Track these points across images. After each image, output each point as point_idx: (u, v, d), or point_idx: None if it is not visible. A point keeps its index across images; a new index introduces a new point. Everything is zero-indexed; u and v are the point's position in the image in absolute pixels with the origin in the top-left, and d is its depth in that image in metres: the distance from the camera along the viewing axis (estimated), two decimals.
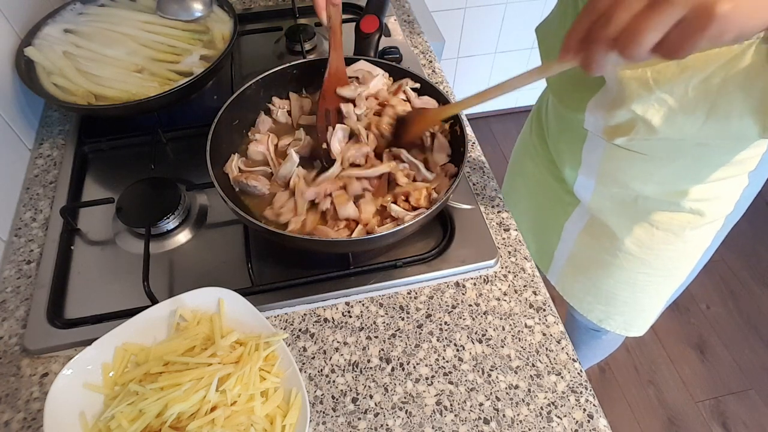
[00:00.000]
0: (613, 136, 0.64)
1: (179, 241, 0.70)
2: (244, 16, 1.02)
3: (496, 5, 1.83)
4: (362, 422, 0.56)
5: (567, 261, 0.92)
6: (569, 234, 0.89)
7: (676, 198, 0.71)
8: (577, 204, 0.84)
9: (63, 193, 0.74)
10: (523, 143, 1.00)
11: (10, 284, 0.66)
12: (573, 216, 0.86)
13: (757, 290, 1.79)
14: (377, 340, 0.61)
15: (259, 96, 0.76)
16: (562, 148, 0.82)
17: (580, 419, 0.56)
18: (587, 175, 0.77)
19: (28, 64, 0.78)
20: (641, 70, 0.56)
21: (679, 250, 0.78)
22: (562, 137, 0.81)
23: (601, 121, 0.66)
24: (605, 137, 0.66)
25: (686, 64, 0.53)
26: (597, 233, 0.83)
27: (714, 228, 0.77)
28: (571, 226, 0.87)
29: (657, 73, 0.55)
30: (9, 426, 0.56)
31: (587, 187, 0.79)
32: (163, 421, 0.49)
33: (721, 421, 1.52)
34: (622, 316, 0.91)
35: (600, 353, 1.24)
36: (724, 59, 0.51)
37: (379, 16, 0.84)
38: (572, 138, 0.76)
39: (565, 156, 0.80)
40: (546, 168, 0.89)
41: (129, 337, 0.56)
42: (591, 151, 0.74)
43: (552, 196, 0.89)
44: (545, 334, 0.62)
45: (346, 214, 0.63)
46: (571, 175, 0.80)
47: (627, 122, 0.62)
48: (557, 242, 0.92)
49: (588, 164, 0.76)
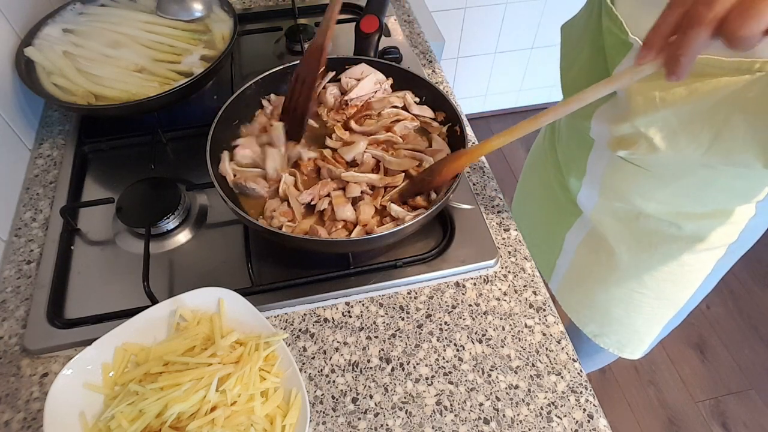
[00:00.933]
0: (618, 148, 0.63)
1: (179, 241, 0.70)
2: (244, 16, 1.02)
3: (496, 5, 1.83)
4: (362, 422, 0.56)
5: (567, 272, 0.91)
6: (570, 245, 0.88)
7: (677, 219, 0.69)
8: (579, 215, 0.82)
9: (63, 193, 0.74)
10: (537, 147, 0.99)
11: (10, 284, 0.66)
12: (574, 226, 0.85)
13: (757, 290, 1.79)
14: (377, 340, 0.61)
15: (259, 96, 0.76)
16: (569, 156, 0.81)
17: (580, 419, 0.56)
18: (591, 186, 0.76)
19: (28, 64, 0.78)
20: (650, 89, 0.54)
21: (676, 273, 0.76)
22: (570, 144, 0.80)
23: (606, 131, 0.65)
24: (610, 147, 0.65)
25: (695, 88, 0.52)
26: (595, 246, 0.82)
27: (715, 256, 0.74)
28: (572, 236, 0.86)
29: (664, 92, 0.54)
30: (9, 426, 0.56)
31: (590, 199, 0.77)
32: (163, 421, 0.49)
33: (721, 421, 1.52)
34: (616, 335, 0.90)
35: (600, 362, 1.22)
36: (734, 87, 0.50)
37: (379, 16, 0.84)
38: (580, 145, 0.75)
39: (572, 164, 0.79)
40: (553, 175, 0.88)
41: (129, 337, 0.56)
42: (596, 161, 0.72)
43: (556, 205, 0.88)
44: (545, 334, 0.62)
45: (344, 216, 0.63)
46: (576, 184, 0.79)
47: (630, 136, 0.60)
48: (559, 252, 0.91)
49: (592, 174, 0.74)
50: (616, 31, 0.58)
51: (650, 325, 0.87)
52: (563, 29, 0.77)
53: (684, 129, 0.55)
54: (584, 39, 0.69)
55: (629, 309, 0.84)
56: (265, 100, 0.76)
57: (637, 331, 0.88)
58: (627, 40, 0.57)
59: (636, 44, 0.56)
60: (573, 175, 0.79)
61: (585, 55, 0.68)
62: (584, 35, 0.69)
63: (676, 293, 0.80)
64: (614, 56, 0.60)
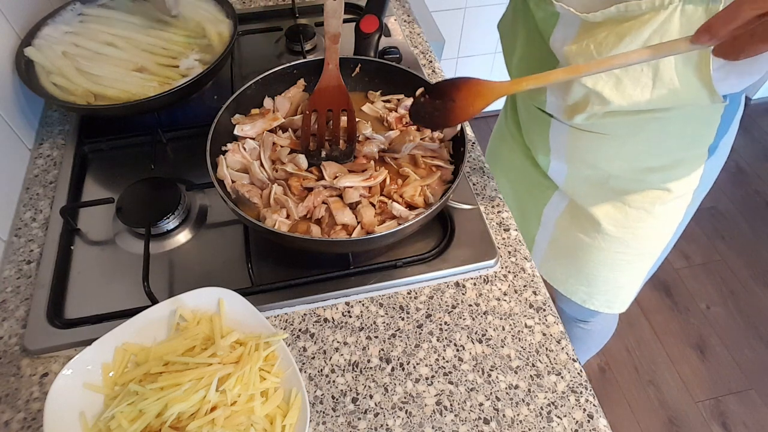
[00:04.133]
0: (572, 115, 0.66)
1: (179, 241, 0.70)
2: (244, 16, 1.02)
3: (496, 5, 1.83)
4: (362, 422, 0.56)
5: (548, 245, 0.94)
6: (548, 219, 0.91)
7: (642, 175, 0.74)
8: (555, 189, 0.86)
9: (63, 193, 0.74)
10: (499, 132, 1.02)
11: (10, 284, 0.66)
12: (552, 200, 0.88)
13: (757, 290, 1.79)
14: (377, 340, 0.61)
15: (259, 96, 0.76)
16: (532, 134, 0.84)
17: (580, 419, 0.56)
18: (558, 159, 0.80)
19: (27, 64, 0.78)
20: (585, 44, 0.58)
21: (652, 226, 0.80)
22: (530, 123, 0.84)
23: (560, 100, 0.68)
24: (565, 117, 0.69)
25: (622, 31, 0.55)
26: (576, 215, 0.85)
27: (683, 203, 0.79)
28: (550, 211, 0.90)
29: (598, 45, 0.57)
30: (9, 426, 0.56)
31: (560, 171, 0.81)
32: (163, 421, 0.49)
33: (721, 421, 1.52)
34: (604, 296, 0.93)
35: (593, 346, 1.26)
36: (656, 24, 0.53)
37: (379, 16, 0.84)
38: (539, 123, 0.79)
39: (537, 142, 0.83)
40: (524, 154, 0.91)
41: (129, 337, 0.56)
42: (557, 136, 0.76)
43: (530, 182, 0.91)
44: (545, 334, 0.62)
45: (344, 220, 0.62)
46: (544, 160, 0.83)
47: (582, 98, 0.64)
48: (537, 227, 0.94)
49: (556, 148, 0.78)
50: (543, 5, 0.63)
51: (633, 279, 0.91)
52: (499, 27, 0.82)
53: (626, 73, 0.59)
54: (517, 25, 0.74)
55: (614, 269, 0.87)
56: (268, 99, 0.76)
57: (622, 287, 0.92)
58: (554, 10, 0.61)
59: (562, 10, 0.60)
60: (540, 152, 0.83)
61: (521, 39, 0.73)
62: (516, 21, 0.74)
63: (654, 245, 0.85)
64: (547, 28, 0.65)
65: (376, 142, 0.70)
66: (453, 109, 0.56)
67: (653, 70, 0.57)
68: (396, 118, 0.73)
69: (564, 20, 0.62)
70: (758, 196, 1.94)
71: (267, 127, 0.72)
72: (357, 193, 0.64)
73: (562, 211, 0.88)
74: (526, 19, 0.70)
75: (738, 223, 0.73)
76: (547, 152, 0.81)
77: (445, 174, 0.68)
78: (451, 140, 0.71)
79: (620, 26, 0.56)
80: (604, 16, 0.56)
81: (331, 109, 0.72)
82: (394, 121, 0.73)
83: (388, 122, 0.74)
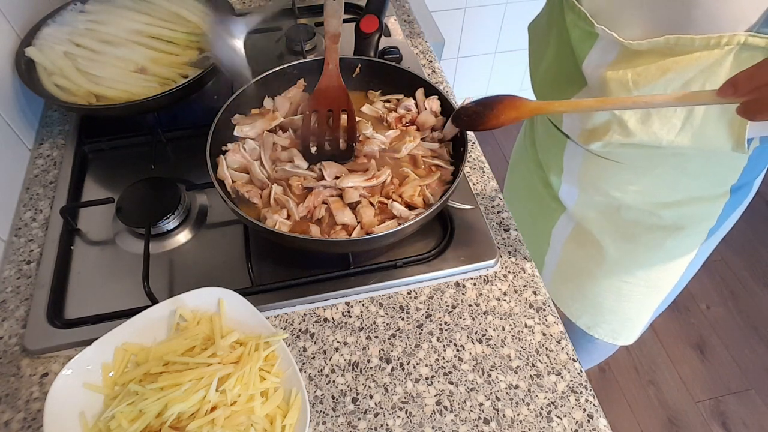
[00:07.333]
0: (589, 140, 0.64)
1: (179, 241, 0.70)
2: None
3: (496, 5, 1.83)
4: (362, 422, 0.56)
5: (556, 267, 0.92)
6: (556, 241, 0.88)
7: (655, 209, 0.71)
8: (563, 211, 0.83)
9: (63, 193, 0.74)
10: (518, 146, 1.00)
11: (10, 284, 0.66)
12: (559, 223, 0.86)
13: (757, 290, 1.79)
14: (377, 340, 0.61)
15: (259, 96, 0.76)
16: (547, 153, 0.82)
17: (580, 419, 0.56)
18: (570, 183, 0.77)
19: (28, 64, 0.78)
20: (622, 72, 0.56)
21: (662, 261, 0.77)
22: (546, 141, 0.81)
23: (578, 122, 0.65)
24: (581, 141, 0.66)
25: (667, 66, 0.53)
26: (582, 241, 0.83)
27: (697, 241, 0.75)
28: (558, 233, 0.87)
29: (637, 75, 0.55)
30: (9, 426, 0.56)
31: (571, 194, 0.78)
32: (163, 421, 0.49)
33: (721, 421, 1.52)
34: (609, 325, 0.91)
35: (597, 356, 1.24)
36: (705, 64, 0.51)
37: (379, 16, 0.84)
38: (555, 143, 0.76)
39: (550, 161, 0.80)
40: (535, 173, 0.88)
41: (129, 337, 0.56)
42: (571, 158, 0.74)
43: (540, 202, 0.89)
44: (545, 334, 0.62)
45: (344, 220, 0.62)
46: (556, 181, 0.80)
47: (603, 125, 0.61)
48: (547, 248, 0.92)
49: (569, 171, 0.75)
50: (581, 24, 0.60)
51: (641, 312, 0.88)
52: (530, 29, 0.78)
53: (657, 111, 0.56)
54: (550, 35, 0.70)
55: (620, 299, 0.85)
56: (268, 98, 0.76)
57: (629, 318, 0.90)
58: (593, 31, 0.58)
59: (603, 33, 0.57)
60: (552, 172, 0.80)
61: (552, 50, 0.70)
62: (549, 31, 0.70)
63: (664, 280, 0.82)
64: (581, 48, 0.62)
65: (377, 141, 0.70)
66: (488, 116, 0.61)
67: (686, 113, 0.55)
68: (396, 118, 0.73)
69: (602, 43, 0.58)
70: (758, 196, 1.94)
71: (267, 127, 0.72)
72: (357, 193, 0.64)
73: (568, 235, 0.85)
74: (561, 32, 0.66)
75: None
76: (559, 173, 0.78)
77: (445, 174, 0.68)
78: (451, 140, 0.71)
79: (665, 59, 0.53)
80: (650, 45, 0.53)
81: (331, 109, 0.72)
82: (394, 121, 0.73)
83: (388, 122, 0.74)
